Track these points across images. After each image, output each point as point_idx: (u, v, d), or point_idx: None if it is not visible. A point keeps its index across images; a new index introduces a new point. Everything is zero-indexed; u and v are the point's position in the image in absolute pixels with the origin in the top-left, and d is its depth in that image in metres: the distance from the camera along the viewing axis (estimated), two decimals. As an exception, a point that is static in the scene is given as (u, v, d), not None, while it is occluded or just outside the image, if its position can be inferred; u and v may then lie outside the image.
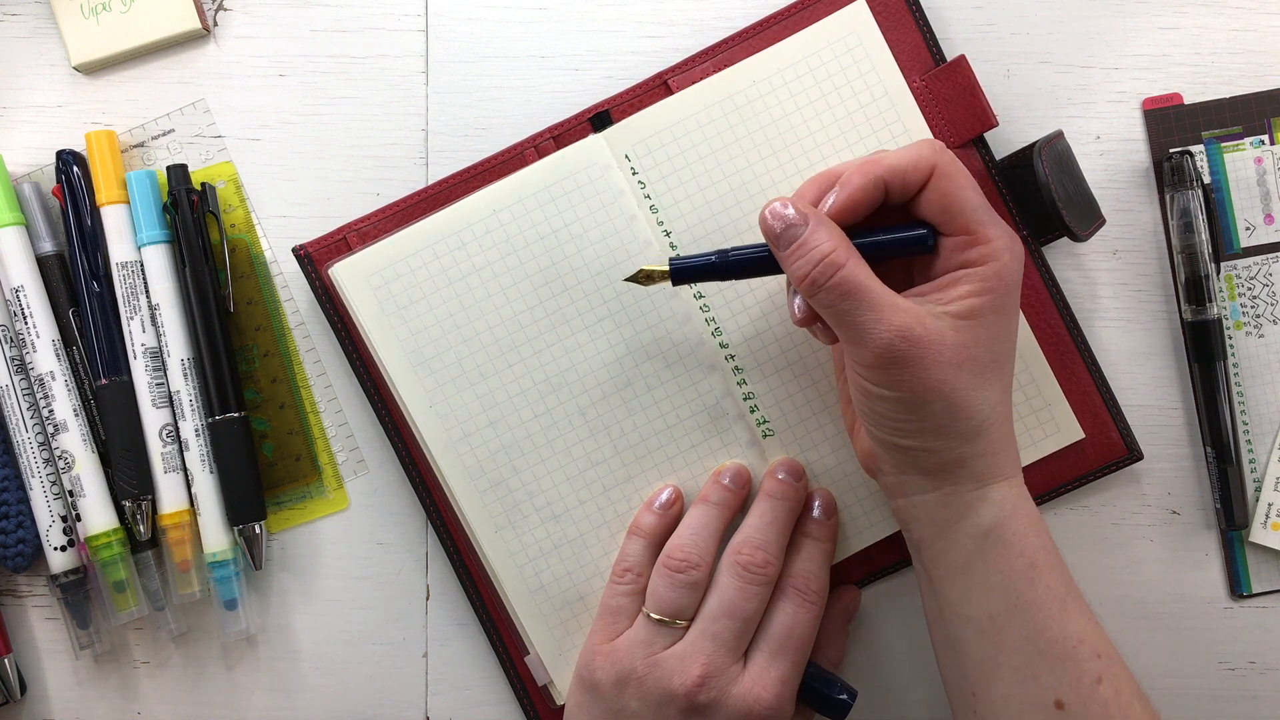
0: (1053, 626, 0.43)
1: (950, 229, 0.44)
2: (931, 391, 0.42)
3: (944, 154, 0.44)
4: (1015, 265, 0.44)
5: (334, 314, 0.53)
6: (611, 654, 0.48)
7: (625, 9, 0.55)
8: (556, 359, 0.52)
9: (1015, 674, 0.43)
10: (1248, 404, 0.54)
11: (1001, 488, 0.44)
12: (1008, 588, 0.44)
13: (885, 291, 0.43)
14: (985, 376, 0.43)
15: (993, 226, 0.43)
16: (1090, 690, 0.42)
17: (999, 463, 0.44)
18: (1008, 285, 0.43)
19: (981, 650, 0.44)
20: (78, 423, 0.52)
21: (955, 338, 0.42)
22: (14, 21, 0.56)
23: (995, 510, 0.44)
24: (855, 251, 0.43)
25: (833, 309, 0.43)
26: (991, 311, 0.43)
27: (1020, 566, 0.44)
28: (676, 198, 0.52)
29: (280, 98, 0.55)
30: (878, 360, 0.42)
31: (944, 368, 0.42)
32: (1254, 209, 0.55)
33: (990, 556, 0.44)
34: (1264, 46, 0.55)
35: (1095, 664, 0.43)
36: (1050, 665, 0.43)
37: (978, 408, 0.43)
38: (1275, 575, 0.54)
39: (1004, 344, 0.44)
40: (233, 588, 0.53)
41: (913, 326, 0.42)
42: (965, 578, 0.45)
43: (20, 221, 0.53)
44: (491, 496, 0.51)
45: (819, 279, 0.43)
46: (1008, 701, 0.44)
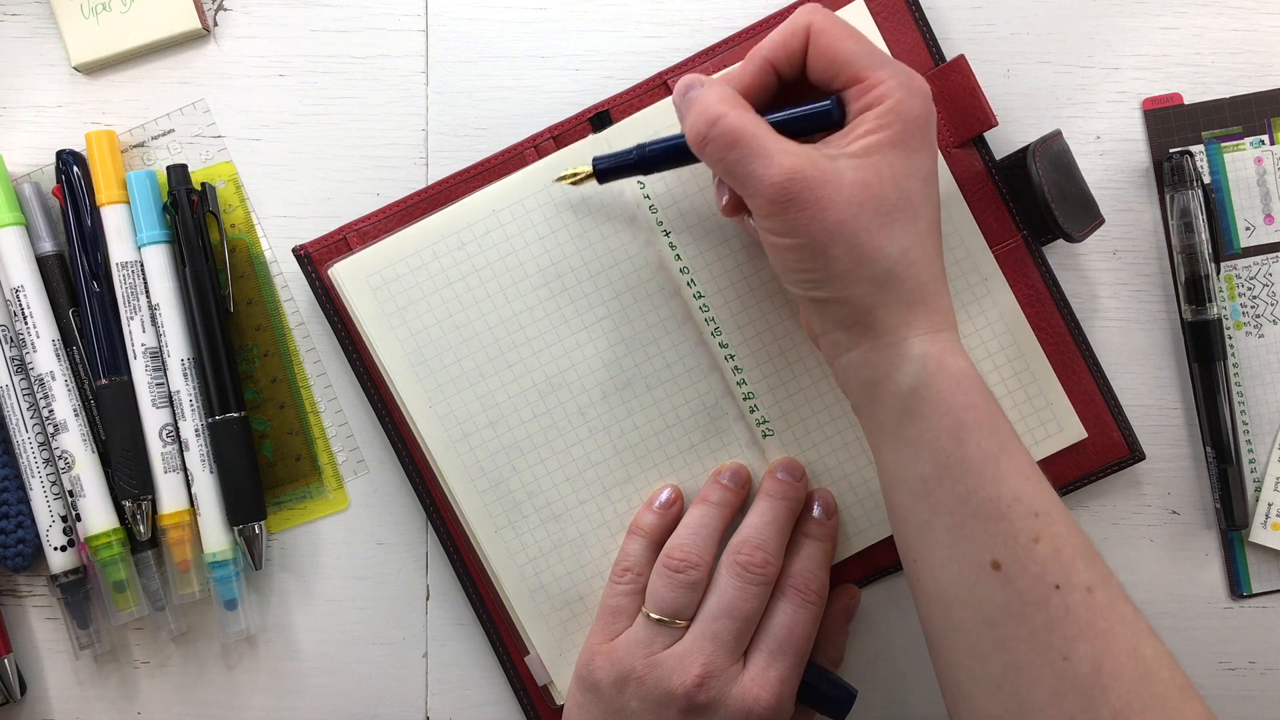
0: (985, 486, 0.41)
1: (841, 83, 0.43)
2: (831, 233, 0.41)
3: (817, 12, 0.44)
4: (914, 101, 0.42)
5: (334, 314, 0.53)
6: (611, 654, 0.48)
7: (625, 9, 0.55)
8: (556, 359, 0.52)
9: (950, 536, 0.42)
10: (1248, 404, 0.54)
11: (922, 341, 0.43)
12: (936, 448, 0.42)
13: (776, 138, 0.42)
14: (892, 217, 0.42)
15: (881, 68, 0.43)
16: (1027, 549, 0.41)
17: (916, 314, 0.43)
18: (906, 120, 0.42)
19: (917, 514, 0.43)
20: (78, 423, 0.52)
21: (854, 176, 0.42)
22: (14, 21, 0.56)
23: (917, 367, 0.42)
24: (745, 105, 0.43)
25: (723, 163, 0.43)
26: (891, 146, 0.42)
27: (947, 425, 0.42)
28: (676, 197, 0.52)
29: (280, 98, 0.55)
30: (771, 206, 0.42)
31: (842, 207, 0.41)
32: (1254, 209, 0.55)
33: (915, 416, 0.43)
34: (1264, 46, 0.55)
35: (1032, 522, 0.41)
36: (984, 525, 0.41)
37: (884, 250, 0.42)
38: (1275, 575, 0.54)
39: (913, 182, 0.43)
40: (233, 588, 0.53)
41: (804, 168, 0.41)
42: (895, 440, 0.43)
43: (20, 221, 0.53)
44: (491, 496, 0.51)
45: (703, 131, 0.43)
46: (945, 564, 0.42)
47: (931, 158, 0.44)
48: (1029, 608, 0.40)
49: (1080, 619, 0.40)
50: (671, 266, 0.52)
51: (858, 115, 0.43)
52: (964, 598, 0.42)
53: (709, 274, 0.52)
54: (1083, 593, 0.40)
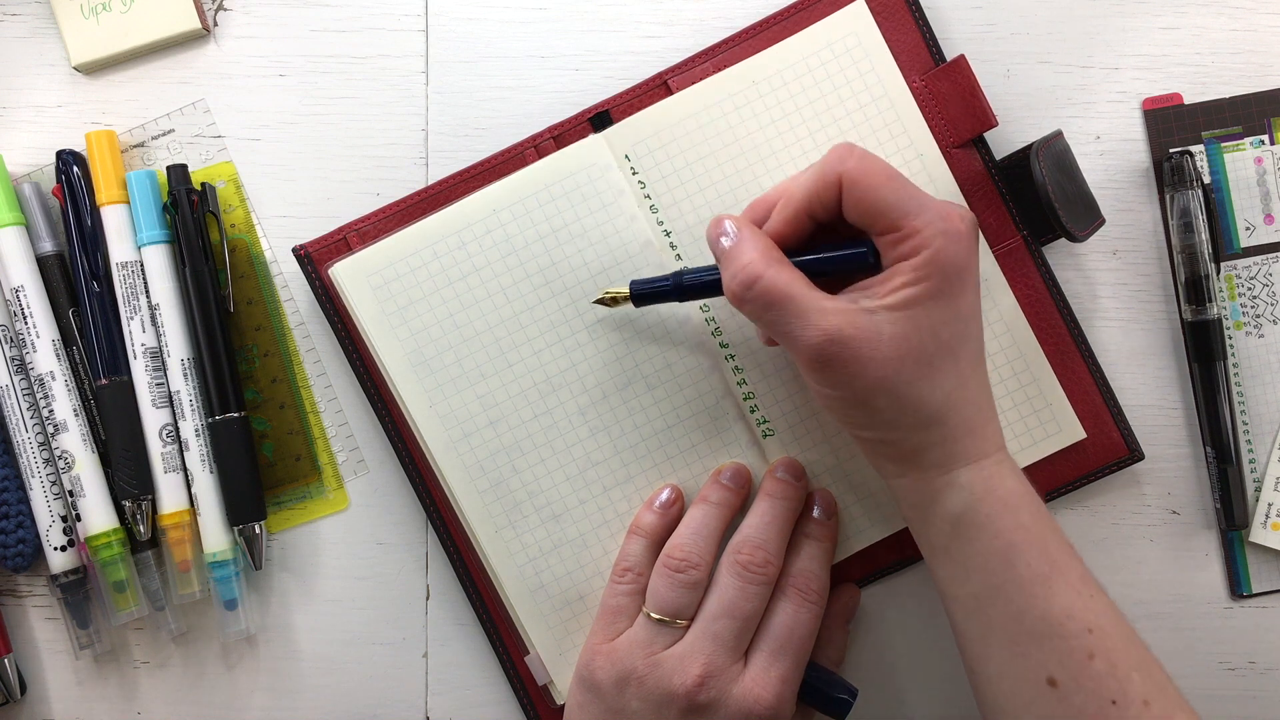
0: (1037, 605, 0.42)
1: (878, 230, 0.43)
2: (871, 389, 0.42)
3: (849, 159, 0.43)
4: (953, 247, 0.42)
5: (334, 314, 0.53)
6: (612, 654, 0.48)
7: (625, 9, 0.55)
8: (556, 359, 0.52)
9: (1005, 652, 0.43)
10: (1248, 404, 0.54)
11: (969, 472, 0.44)
12: (986, 569, 0.43)
13: (813, 296, 0.43)
14: (934, 366, 0.43)
15: (918, 216, 0.42)
16: (1082, 666, 0.42)
17: (963, 448, 0.44)
18: (944, 270, 0.42)
19: (971, 628, 0.44)
20: (78, 423, 0.52)
21: (892, 330, 0.42)
22: (14, 21, 0.56)
23: (964, 495, 0.43)
24: (782, 261, 0.44)
25: (761, 319, 0.44)
26: (930, 298, 0.42)
27: (997, 548, 0.43)
28: (676, 197, 0.52)
29: (280, 98, 0.55)
30: (811, 365, 0.43)
31: (882, 363, 0.42)
32: (1254, 209, 0.55)
33: (965, 540, 0.44)
34: (1264, 46, 0.55)
35: (1086, 640, 0.42)
36: (1039, 643, 0.42)
37: (927, 399, 0.43)
38: (1275, 575, 0.54)
39: (953, 328, 0.43)
40: (233, 588, 0.53)
41: (842, 328, 0.42)
42: (946, 559, 0.45)
43: (20, 221, 0.53)
44: (491, 496, 0.51)
45: (740, 290, 0.43)
46: (1001, 677, 0.43)
47: (973, 294, 0.44)
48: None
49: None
50: (672, 266, 0.52)
51: (895, 263, 0.43)
52: (1022, 713, 0.43)
53: (709, 274, 0.52)
54: (1139, 706, 0.42)
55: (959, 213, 0.44)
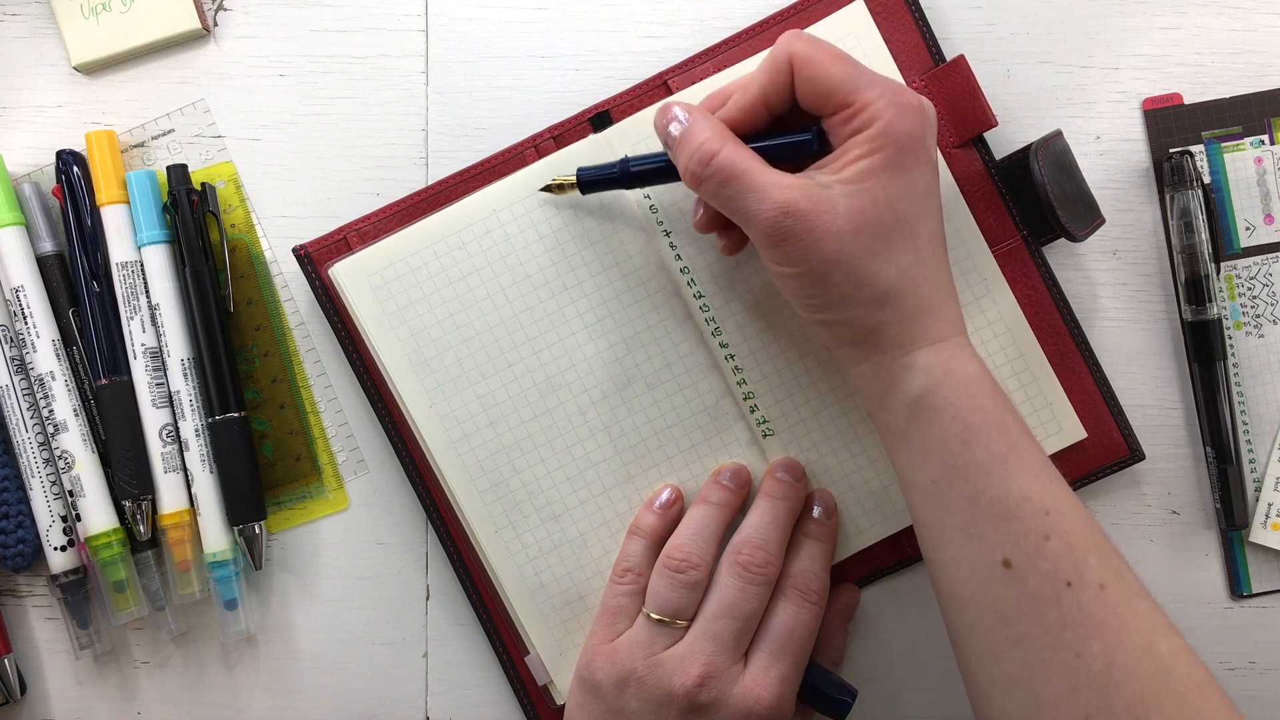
0: (994, 487, 0.42)
1: (830, 109, 0.43)
2: (827, 262, 0.42)
3: (797, 40, 0.43)
4: (905, 120, 0.42)
5: (334, 314, 0.53)
6: (612, 654, 0.48)
7: (625, 9, 0.55)
8: (556, 359, 0.52)
9: (961, 535, 0.43)
10: (1248, 404, 0.54)
11: (927, 353, 0.43)
12: (944, 452, 0.43)
13: (768, 172, 0.43)
14: (889, 240, 0.42)
15: (868, 89, 0.42)
16: (1038, 547, 0.41)
17: (921, 328, 0.43)
18: (898, 141, 0.42)
19: (929, 514, 0.44)
20: (78, 423, 0.52)
21: (847, 204, 0.42)
22: (14, 21, 0.56)
23: (922, 377, 0.43)
24: (735, 140, 0.44)
25: (718, 198, 0.44)
26: (884, 170, 0.42)
27: (955, 430, 0.43)
28: (676, 197, 0.52)
29: (280, 98, 0.55)
30: (768, 239, 0.42)
31: (837, 236, 0.42)
32: (1254, 209, 0.55)
33: (923, 422, 0.43)
34: (1264, 46, 0.55)
35: (1042, 520, 0.41)
36: (994, 525, 0.42)
37: (882, 273, 0.42)
38: (1275, 575, 0.54)
39: (908, 202, 0.43)
40: (233, 588, 0.53)
41: (797, 200, 0.42)
42: (905, 445, 0.44)
43: (20, 221, 0.53)
44: (491, 496, 0.51)
45: (697, 169, 0.43)
46: (958, 563, 0.43)
47: (929, 171, 0.44)
48: (1041, 605, 0.41)
49: (1093, 615, 0.40)
50: (672, 266, 0.52)
51: (848, 139, 0.43)
52: (978, 597, 0.42)
53: (709, 274, 0.52)
54: (1095, 589, 0.41)
55: (910, 90, 0.44)
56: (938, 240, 0.44)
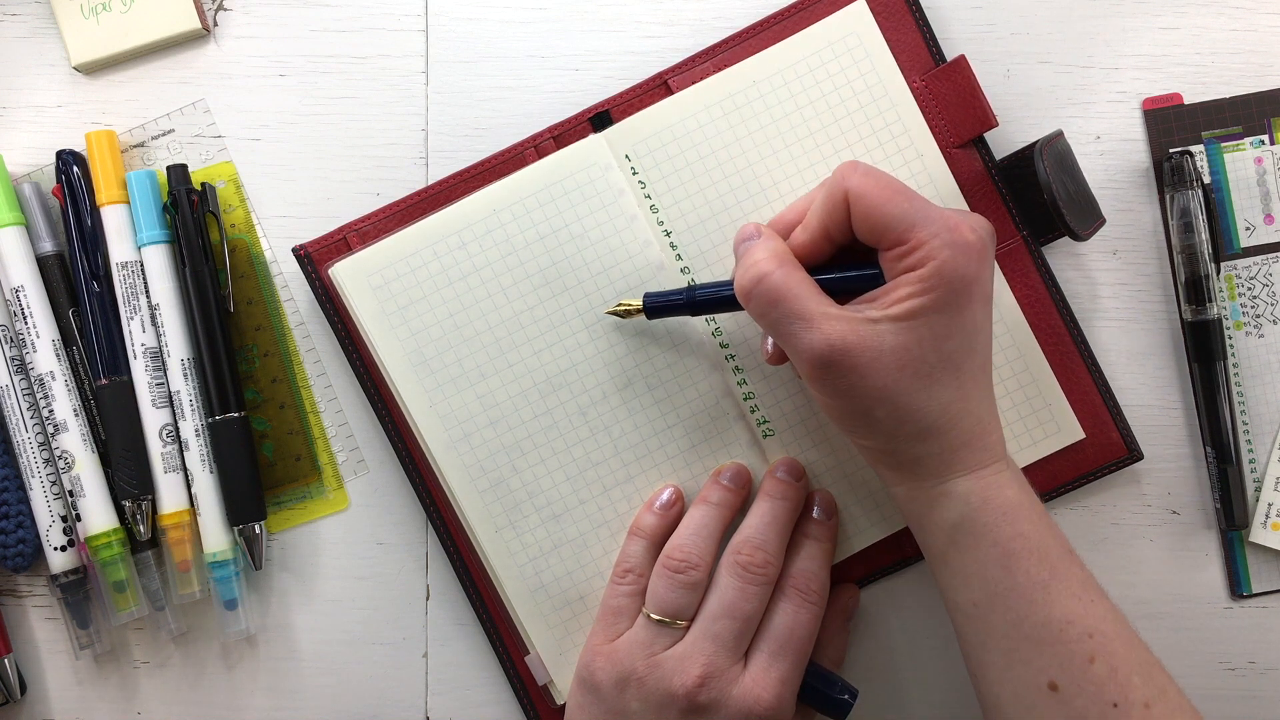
0: (1037, 612, 0.43)
1: (886, 244, 0.43)
2: (871, 398, 0.42)
3: (852, 175, 0.43)
4: (959, 259, 0.42)
5: (334, 314, 0.53)
6: (612, 654, 0.48)
7: (625, 9, 0.55)
8: (556, 359, 0.52)
9: (1005, 658, 0.43)
10: (1248, 404, 0.54)
11: (966, 481, 0.44)
12: (984, 577, 0.43)
13: (819, 300, 0.43)
14: (933, 378, 0.43)
15: (924, 228, 0.42)
16: (1083, 670, 0.42)
17: (960, 459, 0.44)
18: (950, 281, 0.42)
19: (972, 635, 0.45)
20: (78, 423, 0.52)
21: (894, 341, 0.42)
22: (14, 21, 0.56)
23: (960, 505, 0.44)
24: (795, 264, 0.44)
25: (765, 319, 0.44)
26: (934, 310, 0.42)
27: (995, 556, 0.43)
28: (677, 197, 0.52)
29: (280, 98, 0.55)
30: (813, 371, 0.43)
31: (882, 373, 0.42)
32: (1254, 209, 0.55)
33: (962, 549, 0.44)
34: (1264, 46, 0.55)
35: (1086, 644, 0.42)
36: (1039, 649, 0.42)
37: (925, 410, 0.43)
38: (1275, 575, 0.54)
39: (957, 340, 0.43)
40: (233, 588, 0.53)
41: (845, 335, 0.42)
42: (945, 567, 0.45)
43: (20, 221, 0.53)
44: (491, 496, 0.51)
45: (747, 285, 0.44)
46: (1002, 684, 0.44)
47: (980, 307, 0.44)
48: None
49: None
50: (672, 266, 0.52)
51: (900, 275, 0.43)
52: (1024, 716, 0.43)
53: (709, 274, 0.52)
54: (1141, 709, 0.42)
55: (969, 224, 0.43)
56: (983, 372, 0.45)
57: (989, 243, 0.44)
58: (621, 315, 0.50)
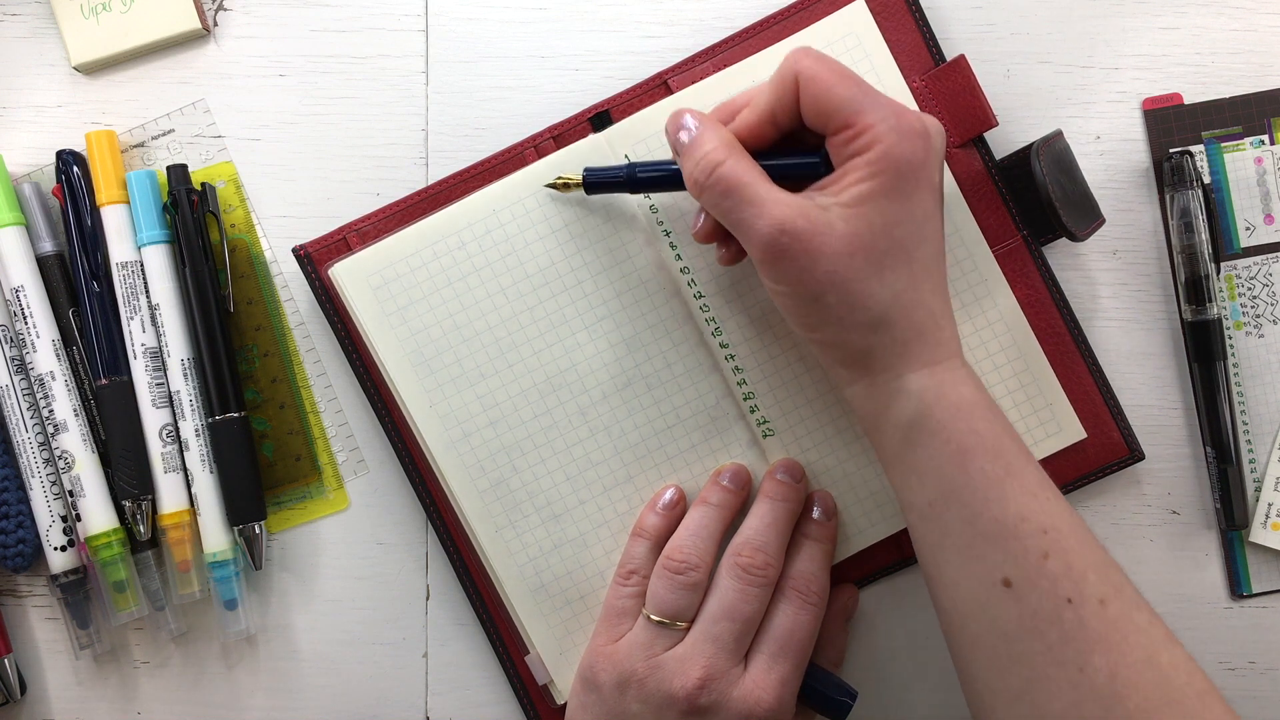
0: (991, 508, 0.42)
1: (833, 129, 0.43)
2: (821, 283, 0.42)
3: (805, 58, 0.43)
4: (905, 144, 0.42)
5: (334, 314, 0.53)
6: (613, 656, 0.48)
7: (625, 9, 0.55)
8: (556, 359, 0.52)
9: (960, 555, 0.43)
10: (1248, 404, 0.54)
11: (920, 377, 0.43)
12: (939, 474, 0.43)
13: (769, 188, 0.43)
14: (883, 264, 0.42)
15: (871, 112, 0.42)
16: (1037, 566, 0.41)
17: (913, 352, 0.43)
18: (897, 166, 0.42)
19: (927, 535, 0.44)
20: (78, 423, 0.52)
21: (844, 227, 0.42)
22: (14, 21, 0.56)
23: (915, 401, 0.43)
24: (742, 153, 0.44)
25: (717, 208, 0.44)
26: (883, 194, 0.42)
27: (949, 453, 0.43)
28: (677, 197, 0.52)
29: (280, 98, 0.55)
30: (764, 255, 0.43)
31: (832, 258, 0.42)
32: (1254, 209, 0.55)
33: (917, 446, 0.44)
34: (1264, 46, 0.55)
35: (1040, 539, 0.42)
36: (993, 545, 0.42)
37: (876, 296, 0.42)
38: (1275, 575, 0.54)
39: (907, 228, 0.43)
40: (233, 588, 0.53)
41: (794, 219, 0.42)
42: (900, 467, 0.45)
43: (20, 221, 0.53)
44: (491, 496, 0.51)
45: (700, 177, 0.44)
46: (958, 583, 0.43)
47: (929, 195, 0.44)
48: (1042, 623, 0.41)
49: (1094, 631, 0.41)
50: (672, 266, 0.52)
51: (848, 160, 0.43)
52: (979, 615, 0.43)
53: (709, 274, 0.52)
54: (1095, 605, 0.41)
55: (914, 113, 0.43)
56: (935, 264, 0.44)
57: (936, 135, 0.44)
58: (560, 189, 0.50)
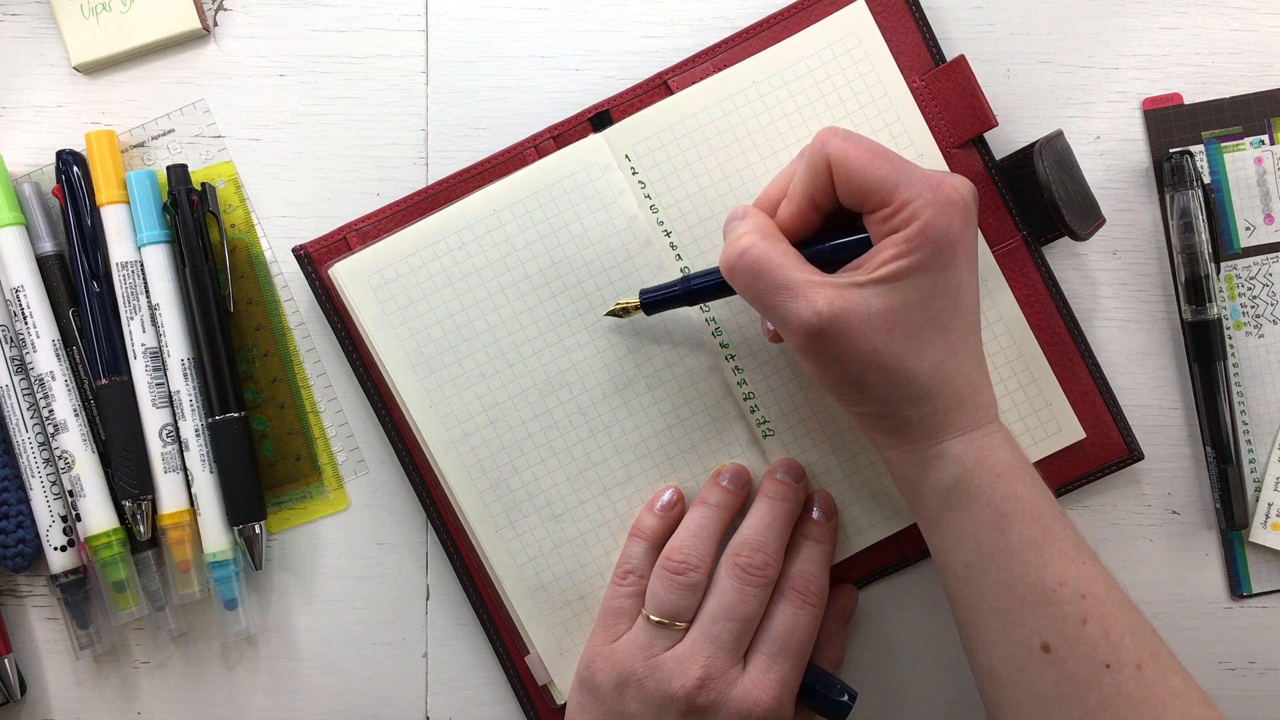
0: (1030, 573, 0.42)
1: (870, 207, 0.43)
2: (862, 364, 0.42)
3: (832, 140, 0.43)
4: (943, 217, 0.42)
5: (334, 314, 0.53)
6: (612, 656, 0.48)
7: (625, 9, 0.55)
8: (556, 359, 0.52)
9: (998, 619, 0.43)
10: (1248, 404, 0.54)
11: (960, 443, 0.44)
12: (978, 538, 0.43)
13: (802, 269, 0.43)
14: (921, 339, 0.42)
15: (906, 188, 0.42)
16: (1075, 631, 0.42)
17: (953, 420, 0.44)
18: (934, 240, 0.42)
19: (965, 597, 0.45)
20: (78, 423, 0.52)
21: (881, 304, 0.42)
22: (14, 21, 0.56)
23: (955, 466, 0.43)
24: (777, 236, 0.44)
25: (749, 292, 0.44)
26: (920, 270, 0.42)
27: (989, 517, 0.43)
28: (677, 197, 0.52)
29: (280, 98, 0.55)
30: (802, 341, 0.43)
31: (871, 337, 0.42)
32: (1254, 209, 0.55)
33: (956, 510, 0.44)
34: (1264, 46, 0.55)
35: (1078, 605, 0.42)
36: (1031, 610, 0.42)
37: (916, 371, 0.42)
38: (1275, 575, 0.54)
39: (944, 300, 0.43)
40: (233, 588, 0.53)
41: (832, 300, 0.42)
42: (938, 529, 0.45)
43: (20, 221, 0.53)
44: (491, 496, 0.51)
45: (731, 261, 0.44)
46: (995, 644, 0.43)
47: (966, 265, 0.44)
48: (1081, 688, 0.41)
49: (1131, 696, 0.41)
50: (672, 267, 0.52)
51: (885, 236, 0.43)
52: (1016, 679, 0.43)
53: (709, 274, 0.52)
54: (1133, 670, 0.41)
55: (951, 182, 0.43)
56: (972, 331, 0.44)
57: (972, 201, 0.44)
58: (620, 315, 0.50)
